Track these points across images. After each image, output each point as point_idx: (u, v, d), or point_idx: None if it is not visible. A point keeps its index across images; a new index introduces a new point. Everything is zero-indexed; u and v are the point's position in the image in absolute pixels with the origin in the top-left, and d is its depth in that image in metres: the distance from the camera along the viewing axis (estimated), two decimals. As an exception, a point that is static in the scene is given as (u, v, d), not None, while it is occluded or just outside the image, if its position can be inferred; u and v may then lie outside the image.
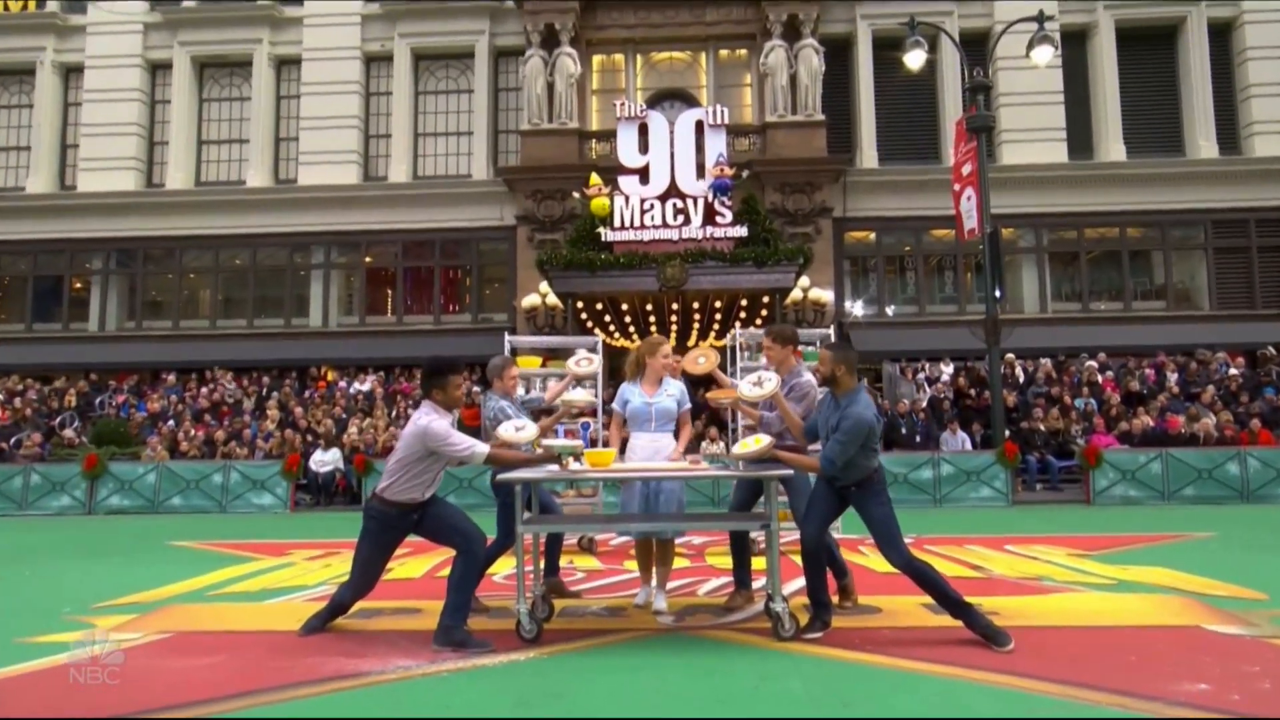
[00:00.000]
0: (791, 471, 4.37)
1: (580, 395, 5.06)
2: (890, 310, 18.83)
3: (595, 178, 14.33)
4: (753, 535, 7.14)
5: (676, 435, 4.96)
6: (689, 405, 5.02)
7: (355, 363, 17.91)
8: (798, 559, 6.51)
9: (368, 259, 19.60)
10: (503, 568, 6.23)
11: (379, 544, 4.30)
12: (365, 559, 4.31)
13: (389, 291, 19.75)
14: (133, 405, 16.25)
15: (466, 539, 4.18)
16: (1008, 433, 12.76)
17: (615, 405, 5.01)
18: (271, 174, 19.87)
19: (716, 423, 13.83)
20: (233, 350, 18.44)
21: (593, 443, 7.18)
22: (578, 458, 4.50)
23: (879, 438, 4.25)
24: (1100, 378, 14.97)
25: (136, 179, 19.78)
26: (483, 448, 4.18)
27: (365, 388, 16.55)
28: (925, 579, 4.02)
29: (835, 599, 4.62)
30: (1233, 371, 15.11)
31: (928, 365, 16.38)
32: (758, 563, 5.23)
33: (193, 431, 14.47)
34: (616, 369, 13.43)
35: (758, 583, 5.33)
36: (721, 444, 12.97)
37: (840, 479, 4.22)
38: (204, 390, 16.66)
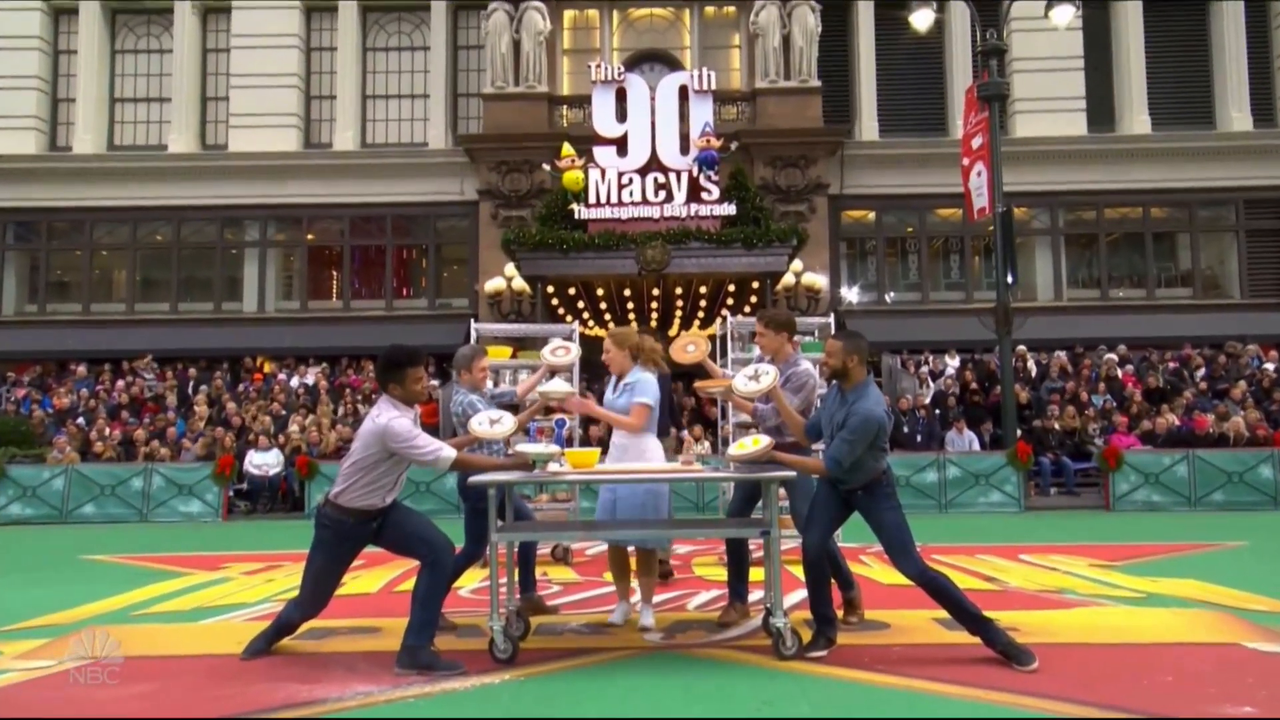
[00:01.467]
0: (794, 473, 4.39)
1: (559, 386, 5.01)
2: (890, 297, 18.98)
3: (567, 148, 14.25)
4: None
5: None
6: (643, 398, 4.80)
7: (296, 353, 17.70)
8: (797, 570, 6.55)
9: (310, 236, 19.36)
10: (470, 581, 6.20)
11: (333, 556, 4.26)
12: (317, 572, 4.27)
13: (334, 273, 19.53)
14: (35, 400, 15.93)
15: (433, 549, 4.15)
16: (1019, 432, 12.91)
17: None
18: (197, 138, 19.55)
19: (702, 421, 13.87)
20: (154, 338, 18.14)
21: (568, 441, 7.15)
22: (557, 461, 4.49)
23: (888, 436, 4.28)
24: (1120, 372, 15.21)
25: (38, 141, 19.35)
26: (449, 451, 4.14)
27: (308, 381, 16.38)
28: (941, 591, 4.06)
29: (840, 613, 4.65)
30: (1266, 366, 15.41)
31: (931, 358, 16.53)
32: (755, 574, 5.24)
33: (108, 430, 14.24)
34: (596, 362, 13.39)
35: (753, 595, 5.36)
36: (706, 443, 13.01)
37: (846, 481, 4.25)
38: (120, 383, 16.39)
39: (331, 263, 19.61)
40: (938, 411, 14.16)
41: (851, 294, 18.90)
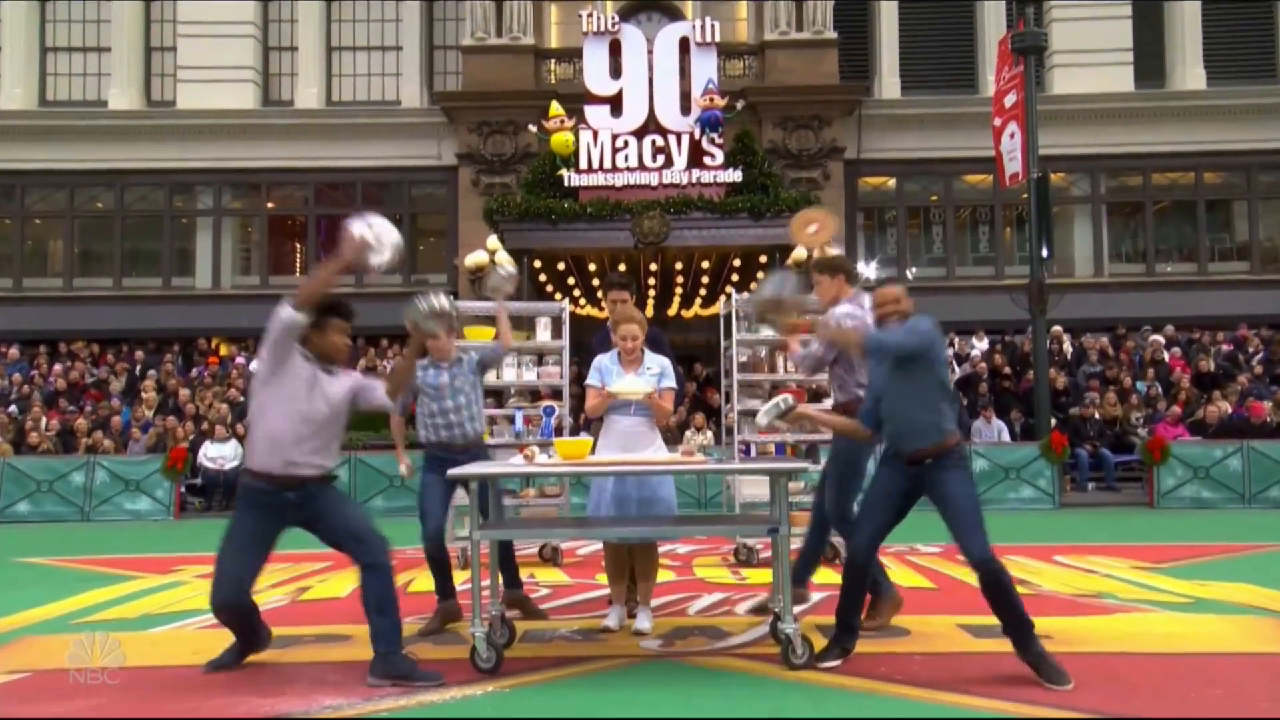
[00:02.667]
0: (809, 466, 4.39)
1: (635, 385, 4.77)
2: (912, 273, 18.99)
3: (556, 107, 14.19)
4: (748, 542, 7.26)
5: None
6: (672, 383, 4.99)
7: (256, 334, 17.48)
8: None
9: (270, 205, 19.30)
10: (448, 584, 6.23)
11: (247, 532, 4.08)
12: (227, 549, 4.08)
13: (297, 245, 19.50)
14: (-37, 387, 15.93)
15: (369, 550, 4.04)
16: (1054, 421, 12.97)
17: (591, 379, 5.00)
18: (142, 93, 19.44)
19: (704, 409, 13.91)
20: (95, 317, 18.13)
21: (557, 431, 7.19)
22: (545, 448, 4.50)
23: (945, 363, 4.15)
24: (1167, 355, 15.25)
25: (-42, 97, 19.25)
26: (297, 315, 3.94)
27: (267, 365, 16.36)
28: (1001, 587, 3.90)
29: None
30: (1329, 349, 15.45)
31: (957, 340, 16.57)
32: (762, 574, 5.28)
33: (44, 419, 14.23)
34: (583, 344, 13.40)
35: (756, 598, 5.39)
36: (709, 433, 13.05)
37: (911, 440, 4.05)
38: (58, 368, 16.37)
39: (294, 234, 19.56)
40: (964, 398, 14.20)
41: (869, 269, 18.88)
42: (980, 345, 16.39)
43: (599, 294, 16.67)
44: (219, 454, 13.15)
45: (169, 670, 4.26)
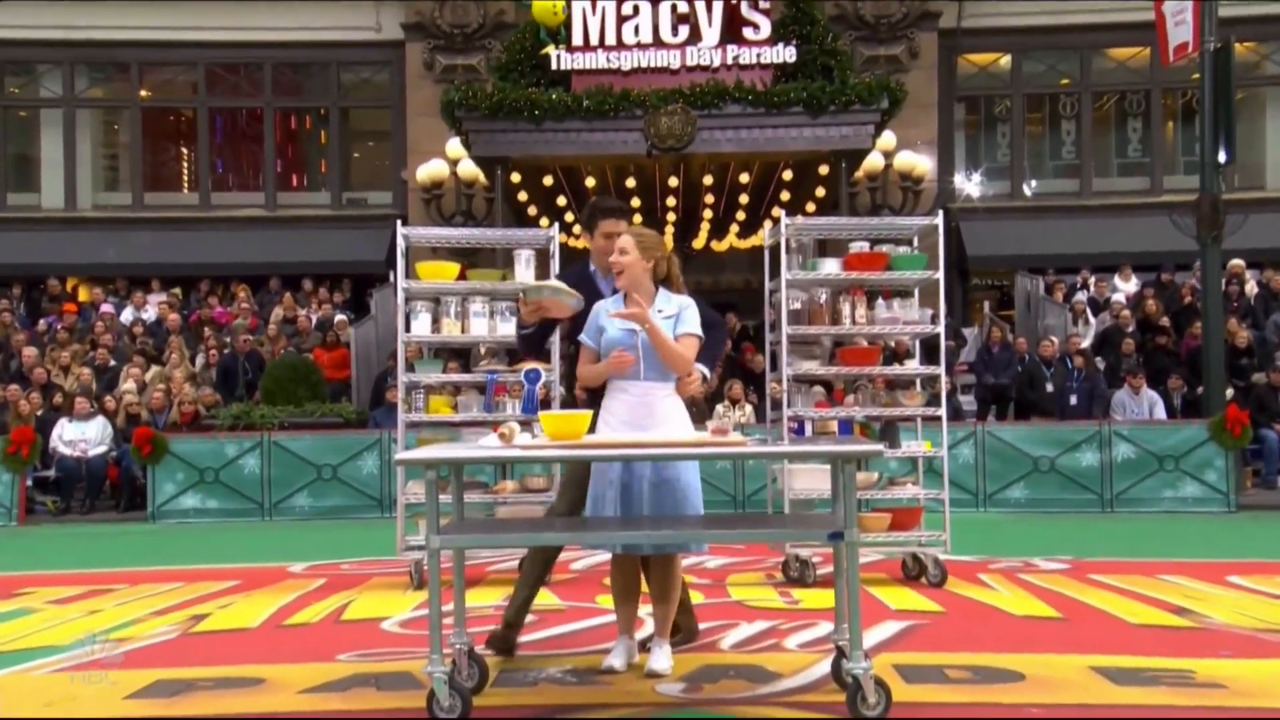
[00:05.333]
0: (883, 449, 4.41)
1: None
2: (1032, 187, 18.89)
3: (538, -42, 14.12)
4: (801, 553, 7.30)
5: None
6: (697, 329, 4.92)
7: (128, 273, 17.80)
8: (883, 593, 6.63)
9: (144, 93, 19.25)
10: (400, 609, 6.32)
11: None
12: None
13: (184, 151, 19.48)
14: None
15: None
16: (1231, 391, 12.93)
17: (584, 336, 5.02)
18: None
19: (742, 376, 13.94)
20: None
21: (545, 403, 7.17)
22: (526, 427, 4.52)
23: None
24: (1397, 300, 15.19)
25: None
26: None
27: (148, 315, 16.42)
28: None
29: None
30: None
31: (1094, 280, 16.51)
32: (822, 598, 5.29)
33: None
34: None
35: (818, 629, 5.43)
36: (749, 407, 13.11)
37: None
38: None
39: (180, 135, 19.54)
40: (1102, 361, 14.17)
41: (971, 183, 18.81)
42: (1126, 287, 16.31)
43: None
44: (80, 436, 13.21)
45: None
